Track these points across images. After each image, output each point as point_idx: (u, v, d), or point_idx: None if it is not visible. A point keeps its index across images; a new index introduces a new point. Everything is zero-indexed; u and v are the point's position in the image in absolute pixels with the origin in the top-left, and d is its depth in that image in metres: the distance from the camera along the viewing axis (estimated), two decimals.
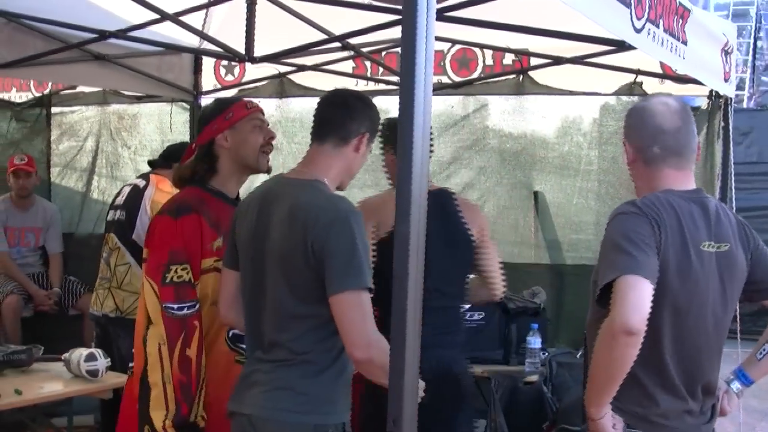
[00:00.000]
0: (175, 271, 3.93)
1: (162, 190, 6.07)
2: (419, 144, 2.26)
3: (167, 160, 6.38)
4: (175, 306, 3.91)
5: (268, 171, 4.24)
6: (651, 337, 3.06)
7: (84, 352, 5.21)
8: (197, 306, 3.96)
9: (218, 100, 4.55)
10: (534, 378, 6.24)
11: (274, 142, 4.28)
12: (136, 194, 6.19)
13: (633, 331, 2.94)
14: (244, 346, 3.91)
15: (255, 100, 4.57)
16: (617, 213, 3.27)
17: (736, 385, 3.66)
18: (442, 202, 4.86)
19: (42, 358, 5.46)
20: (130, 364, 4.27)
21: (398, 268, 2.29)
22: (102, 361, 5.18)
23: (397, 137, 2.28)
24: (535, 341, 6.16)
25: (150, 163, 6.69)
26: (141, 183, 6.29)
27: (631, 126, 3.51)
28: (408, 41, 2.27)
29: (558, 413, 6.25)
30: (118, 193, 6.48)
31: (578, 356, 6.55)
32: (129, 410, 4.18)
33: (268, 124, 4.29)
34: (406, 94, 2.26)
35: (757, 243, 3.51)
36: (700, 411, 3.44)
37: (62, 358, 5.32)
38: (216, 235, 4.04)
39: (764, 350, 3.64)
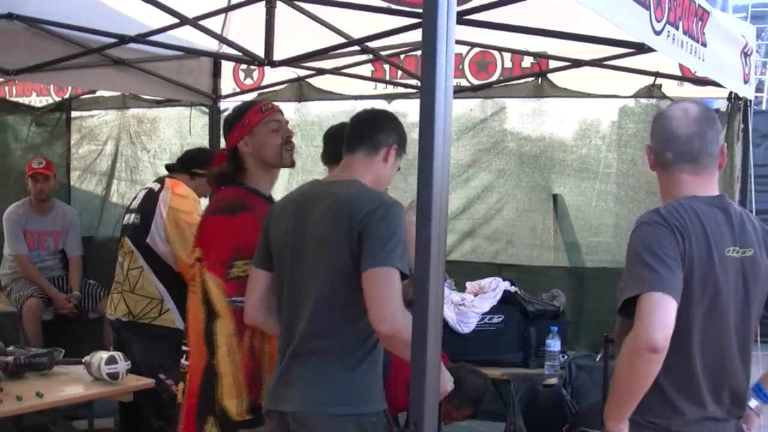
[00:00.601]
0: (239, 267, 4.08)
1: (178, 195, 6.06)
2: (440, 147, 2.26)
3: (185, 165, 6.40)
4: (241, 299, 4.05)
5: (293, 165, 4.45)
6: (679, 345, 3.07)
7: (104, 355, 5.22)
8: None
9: (236, 108, 4.66)
10: (553, 381, 6.23)
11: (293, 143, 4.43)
12: (151, 198, 6.16)
13: (657, 348, 2.97)
14: None
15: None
16: (641, 222, 3.27)
17: (754, 403, 3.62)
18: None
19: (62, 361, 5.47)
20: (184, 362, 4.44)
21: (419, 271, 2.29)
22: (122, 364, 5.19)
23: (419, 141, 2.29)
24: (554, 344, 6.16)
25: (168, 167, 6.68)
26: (156, 187, 6.25)
27: (651, 131, 3.52)
28: (428, 44, 2.27)
29: (577, 416, 6.23)
30: (134, 197, 6.46)
31: (597, 359, 6.54)
32: (190, 405, 4.33)
33: (287, 122, 4.45)
34: (427, 97, 2.26)
35: None
36: (725, 417, 3.40)
37: (83, 361, 5.33)
38: None
39: None
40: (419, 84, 7.01)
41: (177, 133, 8.64)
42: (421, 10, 2.32)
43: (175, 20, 5.93)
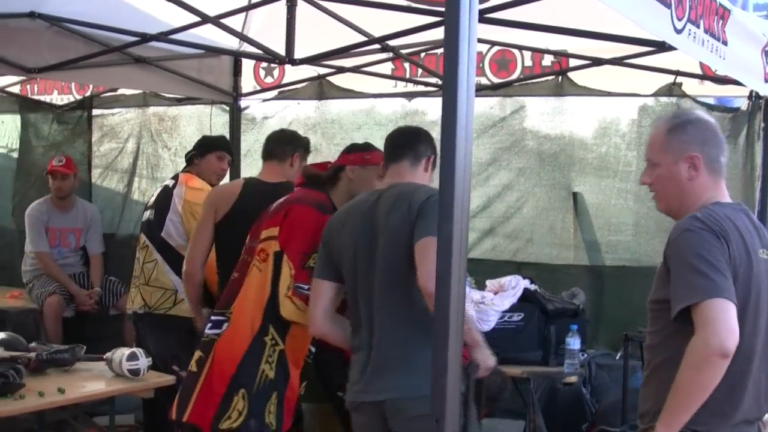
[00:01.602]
0: (313, 259, 4.36)
1: (192, 188, 6.18)
2: (462, 145, 2.27)
3: (187, 158, 6.48)
4: (306, 287, 4.35)
5: None
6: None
7: (126, 351, 5.25)
8: None
9: (369, 143, 4.98)
10: (573, 379, 6.21)
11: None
12: (166, 194, 6.31)
13: (729, 353, 2.97)
14: None
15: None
16: (683, 230, 3.22)
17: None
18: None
19: (84, 358, 5.50)
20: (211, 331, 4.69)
21: (441, 267, 2.30)
22: (143, 361, 5.22)
23: (440, 138, 2.30)
24: (574, 342, 6.14)
25: (188, 159, 6.69)
26: (171, 183, 6.41)
27: (700, 137, 3.42)
28: (450, 43, 2.28)
29: (597, 414, 6.23)
30: (152, 195, 6.60)
31: (617, 357, 6.53)
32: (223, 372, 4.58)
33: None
34: (449, 95, 2.27)
35: None
36: (755, 419, 3.38)
37: (104, 357, 5.36)
38: None
39: None
40: (439, 82, 7.05)
41: (198, 131, 8.63)
42: (442, 9, 2.33)
43: (197, 18, 5.95)
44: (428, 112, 7.48)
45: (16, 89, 9.31)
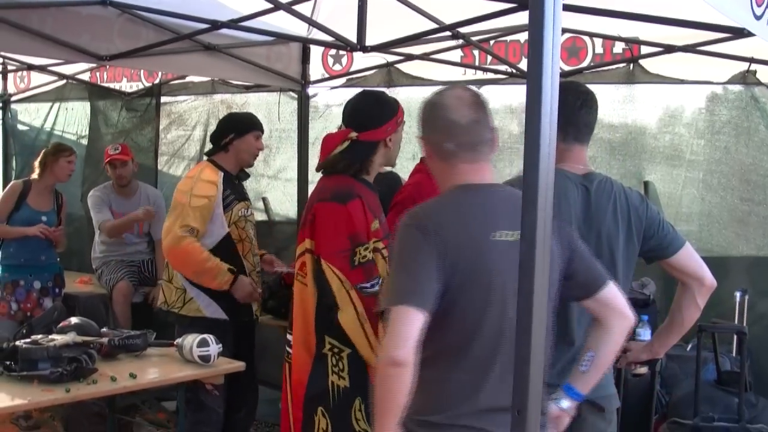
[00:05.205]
0: (360, 253, 4.23)
1: (187, 177, 6.02)
2: (546, 132, 2.24)
3: (239, 128, 6.21)
4: (368, 284, 4.23)
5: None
6: (456, 342, 3.06)
7: (196, 337, 5.24)
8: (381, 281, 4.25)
9: (387, 100, 4.78)
10: (643, 370, 6.13)
11: None
12: None
13: (399, 362, 2.90)
14: None
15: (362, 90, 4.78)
16: (401, 223, 3.16)
17: (566, 404, 3.39)
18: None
19: (155, 343, 5.51)
20: (288, 350, 4.62)
21: (523, 257, 2.27)
22: (214, 347, 5.20)
23: (525, 126, 2.27)
24: (644, 333, 6.05)
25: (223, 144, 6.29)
26: None
27: (425, 121, 3.39)
28: (536, 30, 2.25)
29: (668, 406, 6.16)
30: None
31: (688, 348, 6.46)
32: (298, 396, 4.52)
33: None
34: (534, 83, 2.24)
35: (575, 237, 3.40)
36: (502, 409, 3.16)
37: (174, 343, 5.38)
38: (373, 217, 4.35)
39: (587, 360, 3.41)
40: (508, 69, 7.00)
41: (266, 118, 8.61)
42: None
43: (267, 5, 5.95)
44: (491, 99, 7.44)
45: (85, 76, 9.42)
